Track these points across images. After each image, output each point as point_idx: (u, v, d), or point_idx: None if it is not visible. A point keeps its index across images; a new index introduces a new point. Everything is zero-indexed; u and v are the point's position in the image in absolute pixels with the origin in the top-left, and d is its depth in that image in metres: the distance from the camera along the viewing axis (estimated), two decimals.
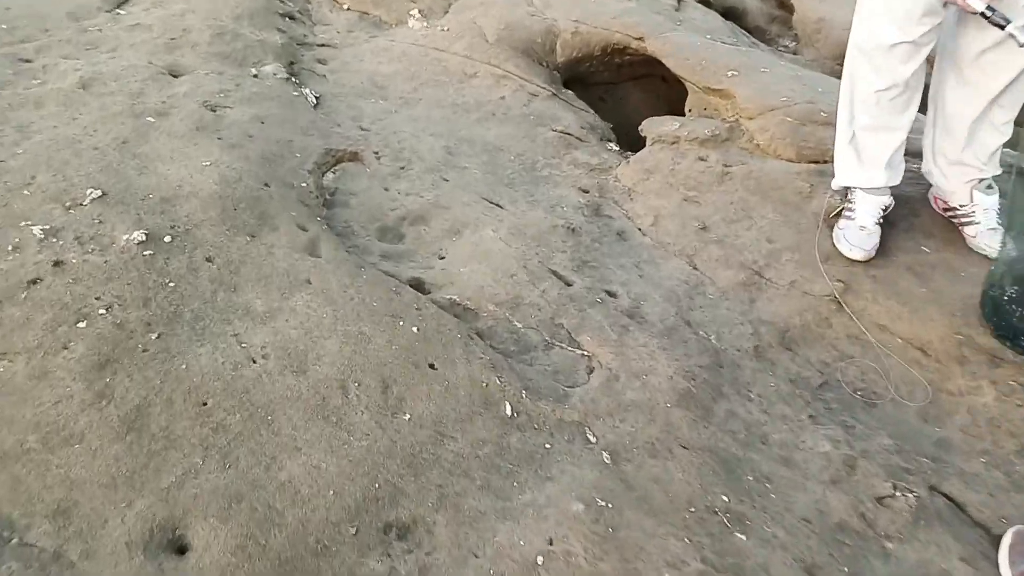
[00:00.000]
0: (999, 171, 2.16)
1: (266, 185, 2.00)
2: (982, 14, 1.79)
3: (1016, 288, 1.86)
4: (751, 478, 1.50)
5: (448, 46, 3.27)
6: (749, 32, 4.33)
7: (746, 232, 2.33)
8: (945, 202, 2.30)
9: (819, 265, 2.15)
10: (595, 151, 2.80)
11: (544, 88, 3.12)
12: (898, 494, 1.52)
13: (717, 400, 1.69)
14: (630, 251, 2.28)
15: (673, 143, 2.78)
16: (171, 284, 1.60)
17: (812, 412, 1.72)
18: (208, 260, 1.70)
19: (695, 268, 2.22)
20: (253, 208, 1.90)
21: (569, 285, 1.97)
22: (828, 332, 2.01)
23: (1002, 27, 1.78)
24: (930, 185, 2.38)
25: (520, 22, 3.34)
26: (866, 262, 2.17)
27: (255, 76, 2.74)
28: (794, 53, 4.59)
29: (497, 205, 2.30)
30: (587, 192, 2.55)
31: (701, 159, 2.67)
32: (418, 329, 1.65)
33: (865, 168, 2.24)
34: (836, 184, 2.33)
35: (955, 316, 1.98)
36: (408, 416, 1.45)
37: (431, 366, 1.58)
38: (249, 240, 1.79)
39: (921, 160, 2.41)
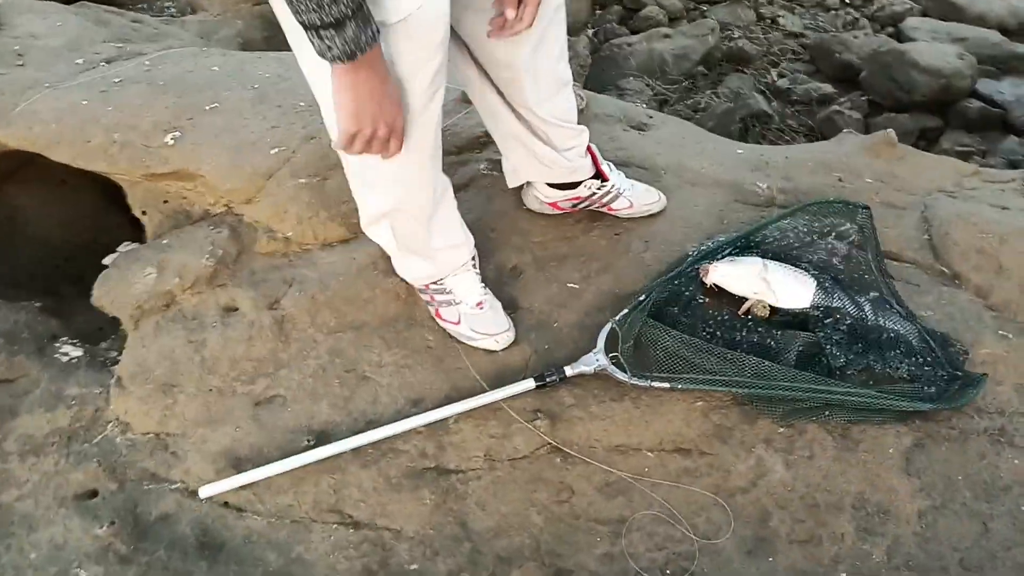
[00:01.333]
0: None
1: None
2: None
3: None
4: None
5: None
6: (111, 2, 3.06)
7: (373, 406, 1.51)
8: (573, 197, 1.77)
9: (508, 411, 1.48)
10: (51, 389, 1.58)
11: None
12: None
13: None
14: (245, 573, 1.30)
15: (167, 305, 1.70)
16: None
17: None
18: None
19: (356, 526, 1.36)
20: None
21: None
22: (576, 503, 1.39)
23: None
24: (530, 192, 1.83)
25: None
26: (537, 350, 1.58)
27: None
28: (188, 12, 3.49)
29: None
30: (95, 495, 1.41)
31: (230, 310, 1.67)
32: None
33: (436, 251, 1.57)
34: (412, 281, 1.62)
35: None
36: None
37: None
38: None
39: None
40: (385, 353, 1.58)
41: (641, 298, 1.61)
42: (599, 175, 1.76)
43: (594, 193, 1.77)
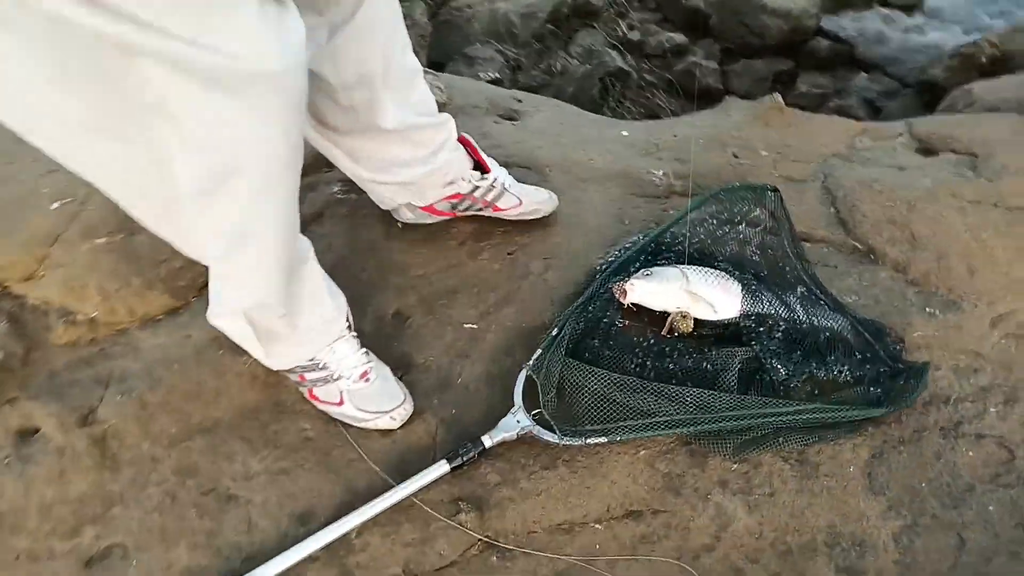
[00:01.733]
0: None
1: None
2: None
3: None
4: None
5: None
6: None
7: (247, 535, 1.17)
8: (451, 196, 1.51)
9: (423, 507, 1.19)
10: None
11: None
12: None
13: None
14: None
15: None
16: None
17: None
18: None
19: None
20: None
21: None
22: None
23: None
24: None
25: None
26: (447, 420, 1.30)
27: None
28: None
29: None
30: None
31: (28, 435, 1.25)
32: None
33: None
34: (278, 365, 1.28)
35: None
36: None
37: None
38: None
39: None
40: (252, 459, 1.24)
41: (554, 332, 1.37)
42: (479, 166, 1.50)
43: (476, 187, 1.51)
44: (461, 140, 1.49)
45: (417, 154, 1.41)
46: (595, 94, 3.05)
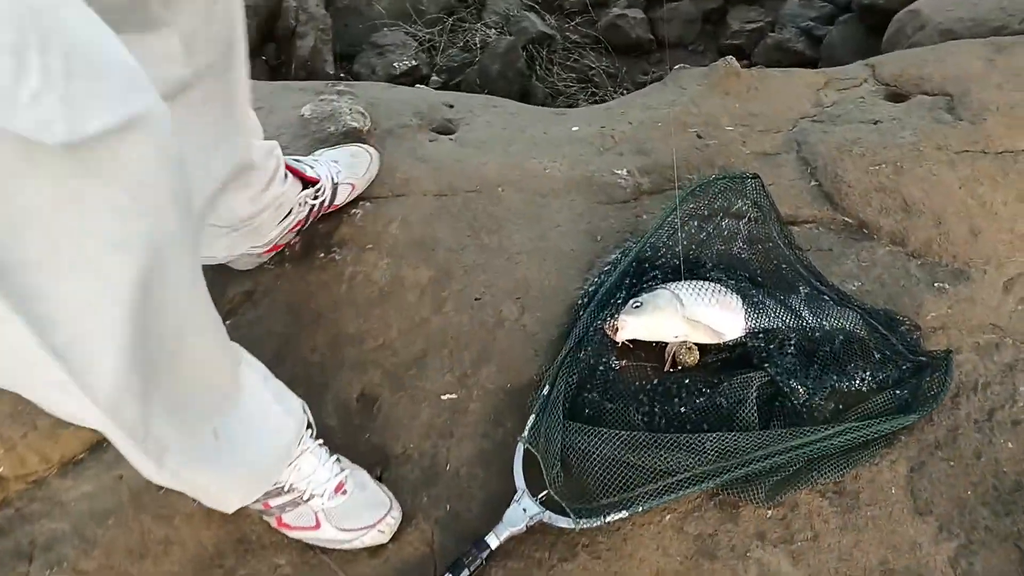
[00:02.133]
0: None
1: None
2: None
3: None
4: None
5: None
6: None
7: None
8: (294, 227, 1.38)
9: None
10: None
11: None
12: None
13: None
14: None
15: None
16: None
17: None
18: None
19: None
20: None
21: None
22: None
23: None
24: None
25: None
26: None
27: None
28: None
29: None
30: None
31: None
32: None
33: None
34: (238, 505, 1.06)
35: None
36: None
37: None
38: None
39: None
40: None
41: (544, 391, 1.20)
42: (306, 182, 1.36)
43: (312, 206, 1.37)
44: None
45: (247, 193, 1.22)
46: (522, 66, 2.82)
